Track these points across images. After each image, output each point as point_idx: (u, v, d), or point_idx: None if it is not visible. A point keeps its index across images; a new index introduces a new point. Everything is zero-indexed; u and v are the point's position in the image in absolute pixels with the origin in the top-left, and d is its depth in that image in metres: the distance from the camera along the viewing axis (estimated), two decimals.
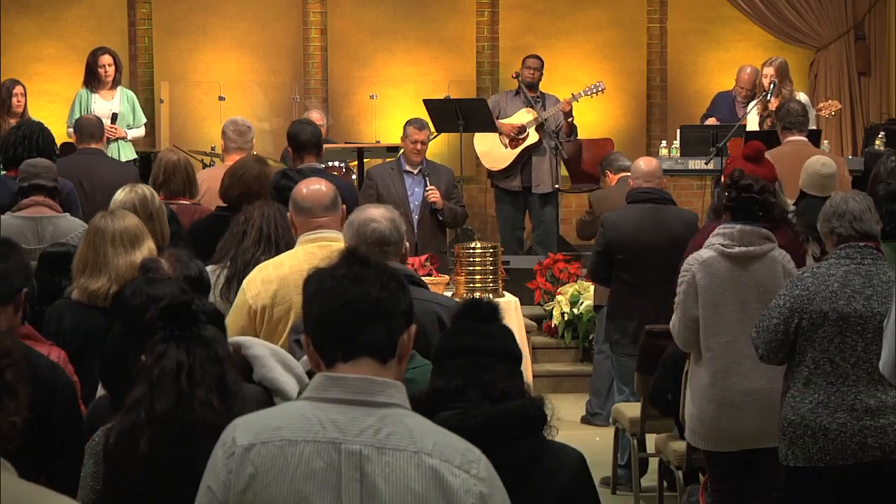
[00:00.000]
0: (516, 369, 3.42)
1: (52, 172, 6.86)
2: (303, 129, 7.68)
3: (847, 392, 5.27)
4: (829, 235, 5.44)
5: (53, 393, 3.75)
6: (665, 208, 8.00)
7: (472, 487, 2.55)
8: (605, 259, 8.03)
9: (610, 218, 8.15)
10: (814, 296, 5.30)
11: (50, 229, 6.52)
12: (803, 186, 7.38)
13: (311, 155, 7.55)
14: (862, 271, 5.31)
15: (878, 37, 13.84)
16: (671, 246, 7.78)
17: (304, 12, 13.42)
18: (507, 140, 11.45)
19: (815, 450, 5.28)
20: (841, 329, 5.27)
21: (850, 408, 5.27)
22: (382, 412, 2.58)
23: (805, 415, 5.30)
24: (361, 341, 2.62)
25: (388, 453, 2.55)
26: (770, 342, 5.39)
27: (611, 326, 8.20)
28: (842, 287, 5.29)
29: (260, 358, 3.72)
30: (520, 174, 11.51)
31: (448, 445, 2.59)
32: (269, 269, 5.06)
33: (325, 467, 2.55)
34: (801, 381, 5.34)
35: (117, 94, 10.82)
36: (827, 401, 5.28)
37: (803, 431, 5.30)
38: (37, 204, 6.68)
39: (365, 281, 2.63)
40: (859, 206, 5.39)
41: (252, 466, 2.56)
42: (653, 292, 7.83)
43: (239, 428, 2.62)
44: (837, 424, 5.26)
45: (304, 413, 2.59)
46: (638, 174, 8.09)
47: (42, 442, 3.57)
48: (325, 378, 2.62)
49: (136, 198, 5.87)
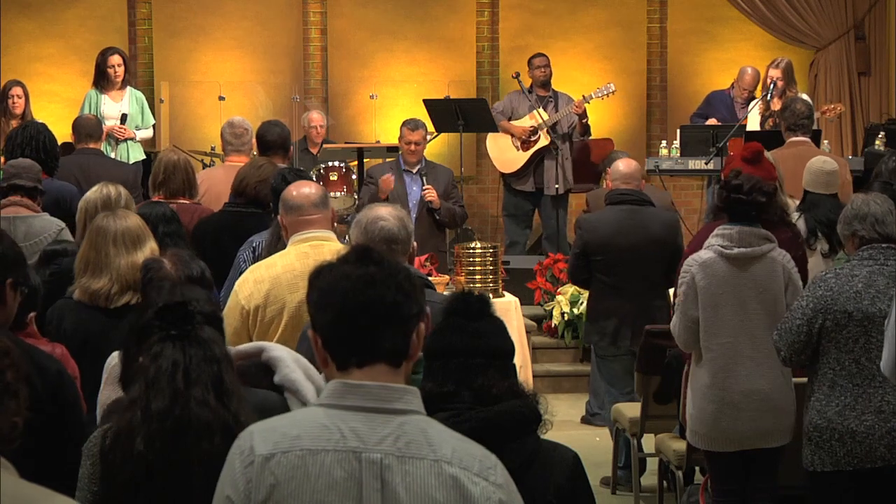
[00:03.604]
0: (508, 366, 3.38)
1: (34, 173, 6.87)
2: (270, 129, 7.82)
3: (874, 394, 5.26)
4: (851, 238, 5.43)
5: (62, 390, 3.76)
6: (643, 210, 7.98)
7: (492, 495, 2.55)
8: (583, 261, 8.02)
9: (587, 220, 8.16)
10: (837, 296, 5.29)
11: (23, 229, 6.53)
12: (807, 185, 7.38)
13: (278, 155, 7.66)
14: (886, 272, 5.31)
15: (878, 37, 13.83)
16: (650, 247, 7.80)
17: (304, 12, 13.42)
18: (518, 142, 11.47)
19: (843, 453, 5.27)
20: (866, 329, 5.26)
21: (877, 410, 5.25)
22: (400, 419, 2.57)
23: (832, 418, 5.28)
24: (378, 347, 2.60)
25: (409, 462, 2.53)
26: (793, 343, 5.37)
27: (590, 328, 8.20)
28: (866, 287, 5.28)
29: (283, 360, 3.73)
30: (532, 176, 11.53)
31: (466, 452, 2.58)
32: (262, 270, 5.05)
33: (346, 476, 2.53)
34: (826, 384, 5.32)
35: (126, 95, 10.81)
36: (854, 403, 5.27)
37: (830, 435, 5.28)
38: (14, 204, 6.69)
39: (381, 284, 2.60)
40: (881, 208, 5.39)
41: (273, 476, 2.54)
42: (632, 294, 7.85)
43: (256, 436, 2.59)
44: (865, 427, 5.24)
45: (322, 421, 2.57)
46: (617, 176, 8.10)
47: (51, 439, 3.58)
48: (342, 385, 2.59)
49: (100, 197, 5.89)
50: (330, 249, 4.78)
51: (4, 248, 3.91)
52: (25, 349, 3.76)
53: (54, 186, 7.41)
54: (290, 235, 5.07)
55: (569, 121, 11.41)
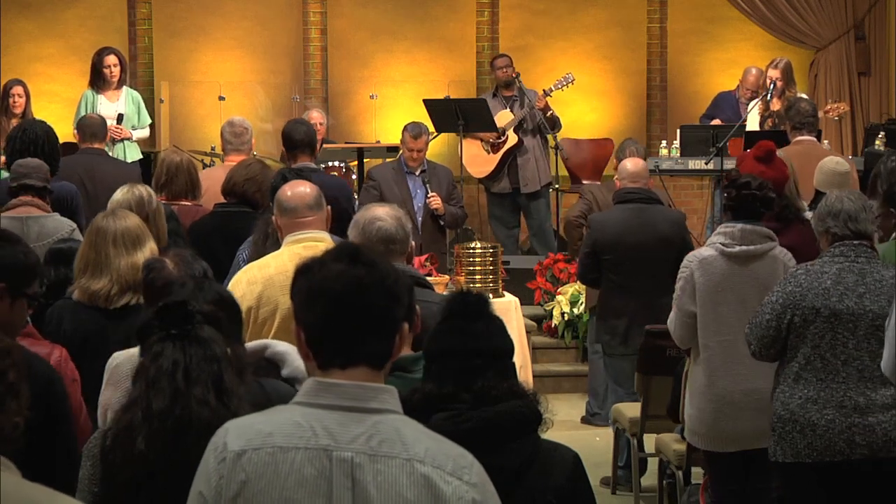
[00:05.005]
0: (508, 366, 3.36)
1: (42, 172, 6.85)
2: (296, 128, 7.75)
3: (836, 389, 5.28)
4: (824, 234, 5.45)
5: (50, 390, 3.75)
6: (652, 208, 8.00)
7: (465, 494, 2.53)
8: (593, 260, 8.03)
9: (596, 219, 8.18)
10: (806, 292, 5.31)
11: (36, 229, 6.51)
12: (819, 186, 7.37)
13: (305, 154, 7.62)
14: (855, 269, 5.33)
15: (878, 37, 13.83)
16: (658, 246, 7.81)
17: (304, 12, 13.41)
18: (488, 146, 11.49)
19: (803, 445, 5.29)
20: (832, 326, 5.29)
21: (839, 404, 5.27)
22: (375, 418, 2.56)
23: (794, 410, 5.31)
24: (362, 351, 2.59)
25: (380, 461, 2.52)
26: (762, 338, 5.40)
27: (600, 327, 8.21)
28: (835, 284, 5.30)
29: (289, 353, 3.73)
30: (507, 176, 11.56)
31: (440, 451, 2.56)
32: (254, 271, 5.04)
33: (316, 475, 2.53)
34: (791, 377, 5.36)
35: (122, 95, 10.81)
36: (816, 397, 5.30)
37: (792, 427, 5.31)
38: (24, 204, 6.67)
39: (370, 290, 2.59)
40: (854, 205, 5.40)
41: (244, 473, 2.54)
42: (641, 292, 7.85)
43: (230, 433, 2.59)
44: (826, 421, 5.27)
45: (296, 419, 2.57)
46: (624, 175, 8.11)
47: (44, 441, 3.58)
48: (318, 384, 2.59)
49: (133, 198, 5.87)
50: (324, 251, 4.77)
51: (7, 254, 3.91)
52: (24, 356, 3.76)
53: (55, 186, 7.40)
54: (285, 236, 5.07)
55: (536, 116, 11.42)
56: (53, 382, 3.83)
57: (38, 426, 3.52)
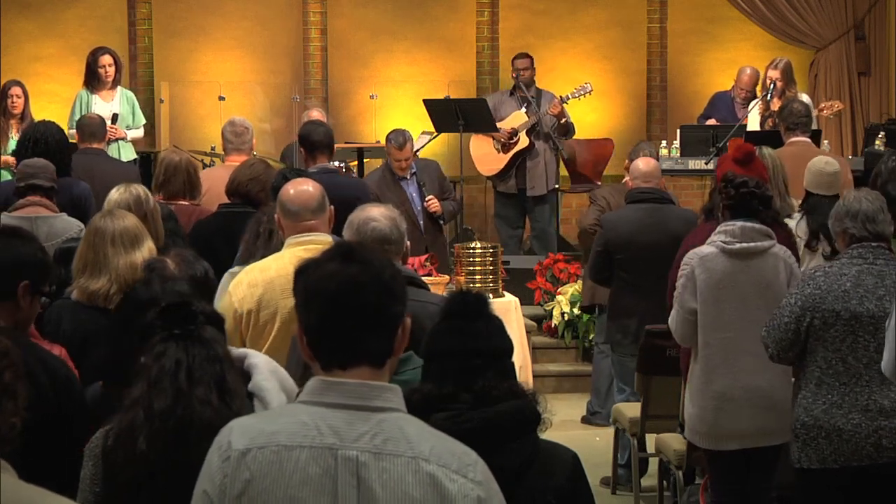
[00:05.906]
0: (507, 366, 3.36)
1: (50, 172, 6.86)
2: (315, 129, 7.74)
3: (860, 392, 5.27)
4: (842, 235, 5.43)
5: (70, 387, 3.75)
6: (665, 208, 8.01)
7: (470, 492, 2.53)
8: (605, 259, 8.03)
9: (608, 218, 8.17)
10: (826, 294, 5.29)
11: (45, 229, 6.51)
12: (808, 186, 7.37)
13: (324, 155, 7.61)
14: (874, 271, 5.31)
15: (878, 37, 13.83)
16: (671, 245, 7.75)
17: (304, 12, 13.41)
18: (499, 145, 11.48)
19: (830, 451, 5.27)
20: (853, 329, 5.27)
21: (863, 408, 5.25)
22: (379, 417, 2.56)
23: (818, 416, 5.28)
24: (361, 350, 2.59)
25: (386, 459, 2.53)
26: (781, 341, 5.38)
27: (612, 326, 8.20)
28: (854, 286, 5.28)
29: (258, 367, 3.72)
30: (514, 177, 11.55)
31: (445, 450, 2.57)
32: (256, 273, 5.01)
33: (321, 473, 2.53)
34: (813, 382, 5.33)
35: (117, 95, 10.81)
36: (840, 401, 5.27)
37: (817, 433, 5.28)
38: (33, 204, 6.67)
39: (366, 287, 2.59)
40: (872, 206, 5.38)
41: (248, 471, 2.54)
42: (653, 292, 7.81)
43: (235, 432, 2.59)
44: (852, 425, 5.25)
45: (301, 417, 2.57)
46: (637, 174, 8.10)
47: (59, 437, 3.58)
48: (322, 382, 2.59)
49: (131, 198, 5.86)
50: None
51: (20, 249, 3.92)
52: (38, 354, 3.77)
53: (66, 184, 7.38)
54: (287, 236, 5.06)
55: (549, 121, 11.40)
56: (71, 379, 3.84)
57: (54, 421, 3.56)
